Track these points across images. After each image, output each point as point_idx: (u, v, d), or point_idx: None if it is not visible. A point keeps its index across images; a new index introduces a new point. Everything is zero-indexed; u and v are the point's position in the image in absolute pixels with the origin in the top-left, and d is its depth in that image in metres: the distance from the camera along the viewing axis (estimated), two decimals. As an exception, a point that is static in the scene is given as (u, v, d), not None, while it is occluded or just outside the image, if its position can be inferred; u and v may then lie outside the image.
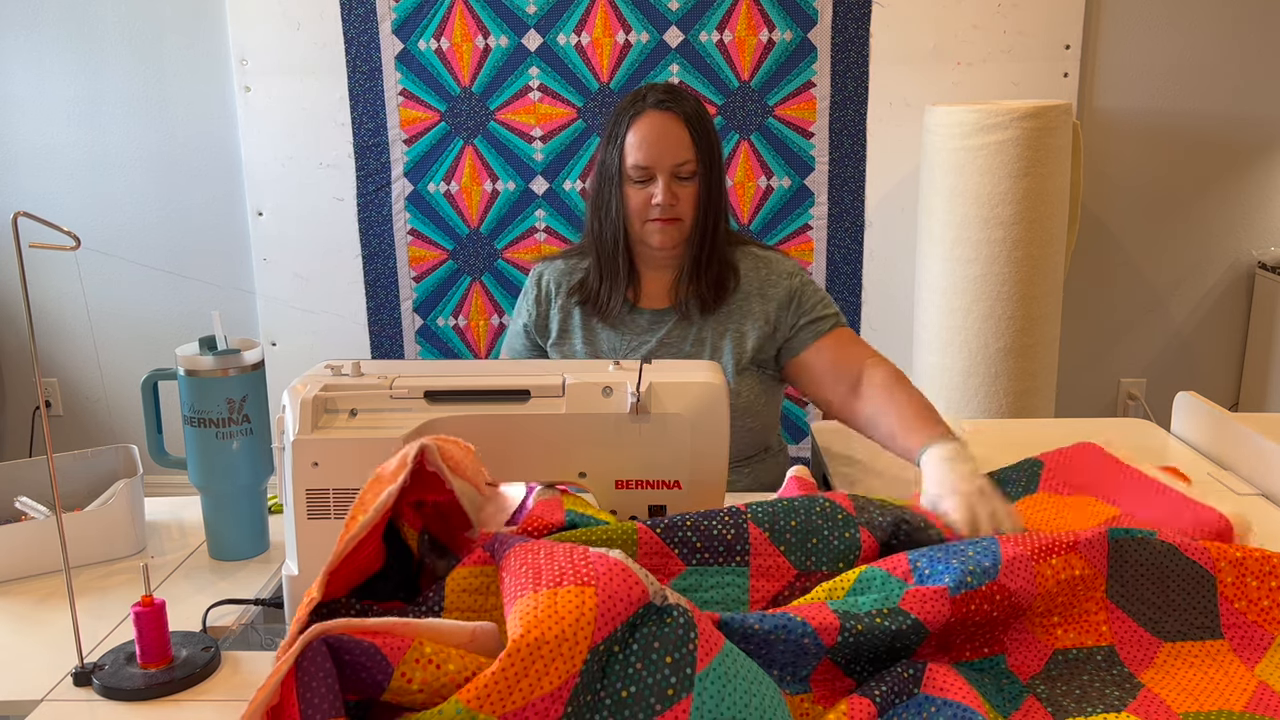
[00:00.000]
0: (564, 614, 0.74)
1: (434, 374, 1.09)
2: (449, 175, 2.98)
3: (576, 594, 0.75)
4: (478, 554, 0.91)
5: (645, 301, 1.65)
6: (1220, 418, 1.48)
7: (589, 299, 1.65)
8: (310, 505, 1.03)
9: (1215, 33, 2.85)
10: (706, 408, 1.06)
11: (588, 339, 1.65)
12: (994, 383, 2.62)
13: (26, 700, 0.93)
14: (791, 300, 1.61)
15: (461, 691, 0.70)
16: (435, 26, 2.87)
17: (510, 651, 0.71)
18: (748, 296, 1.62)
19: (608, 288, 1.63)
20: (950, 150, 2.58)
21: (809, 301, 1.61)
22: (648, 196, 1.56)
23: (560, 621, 0.73)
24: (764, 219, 2.97)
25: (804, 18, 2.83)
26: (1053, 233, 2.60)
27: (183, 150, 3.05)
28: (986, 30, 2.83)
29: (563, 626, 0.73)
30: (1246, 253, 3.01)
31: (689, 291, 1.62)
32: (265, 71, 2.93)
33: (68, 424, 3.26)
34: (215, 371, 1.17)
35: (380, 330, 3.09)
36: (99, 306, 3.14)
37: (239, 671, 0.96)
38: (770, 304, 1.61)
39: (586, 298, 1.66)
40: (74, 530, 1.19)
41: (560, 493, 1.08)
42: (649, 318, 1.64)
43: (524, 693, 0.70)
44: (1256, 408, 2.98)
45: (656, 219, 1.56)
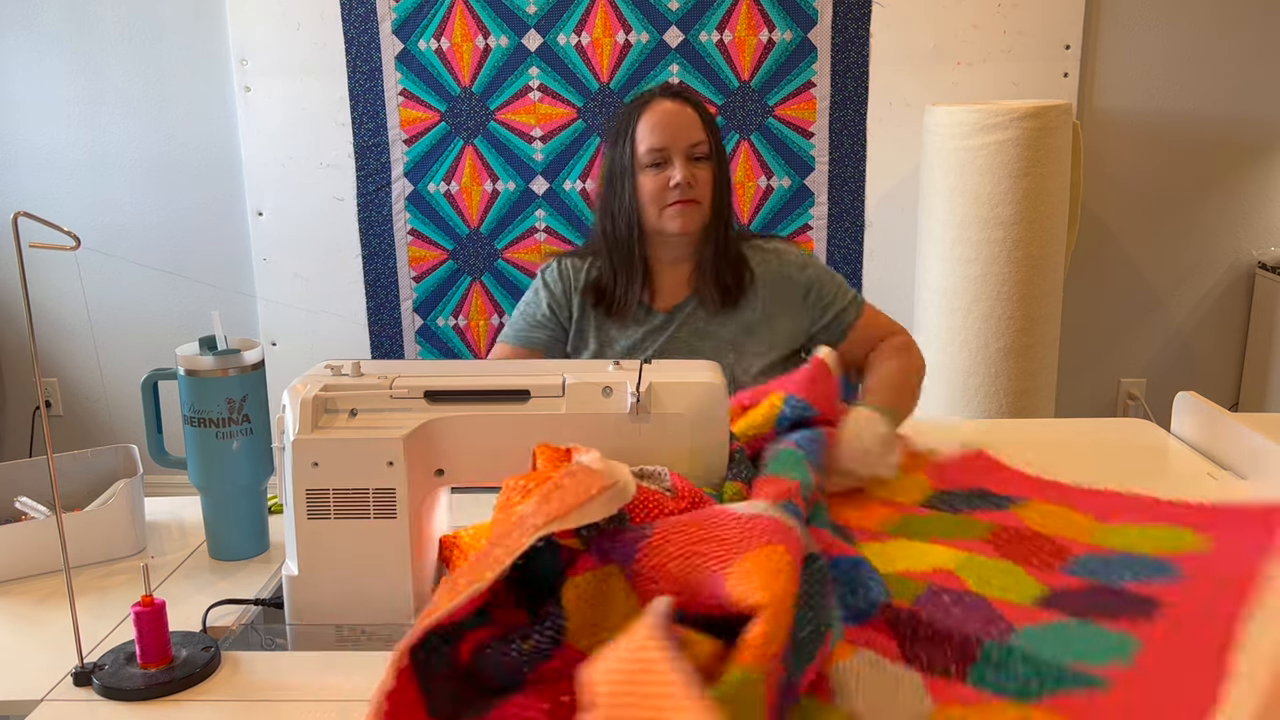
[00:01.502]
0: (780, 571, 0.76)
1: (434, 374, 1.09)
2: (449, 175, 2.98)
3: (773, 553, 0.78)
4: (586, 560, 0.86)
5: (659, 302, 1.65)
6: (1220, 418, 1.47)
7: (601, 299, 1.65)
8: (310, 505, 1.03)
9: (1215, 33, 2.85)
10: (706, 408, 1.06)
11: (600, 339, 1.65)
12: (994, 383, 2.62)
13: (26, 700, 0.93)
14: (809, 293, 1.63)
15: (741, 655, 0.70)
16: (435, 26, 2.87)
17: (771, 614, 0.72)
18: (762, 290, 1.63)
19: (623, 285, 1.62)
20: (950, 150, 2.58)
21: (828, 293, 1.64)
22: (665, 180, 1.55)
23: (780, 578, 0.76)
24: (764, 219, 2.97)
25: (804, 18, 2.83)
26: (1053, 233, 2.60)
27: (183, 150, 3.05)
28: (986, 30, 2.83)
29: (783, 583, 0.76)
30: (1246, 253, 3.01)
31: (709, 283, 1.61)
32: (265, 71, 2.93)
33: (68, 424, 3.26)
34: (215, 371, 1.17)
35: (380, 330, 3.09)
36: (99, 306, 3.14)
37: (239, 671, 0.96)
38: (787, 298, 1.63)
39: (599, 299, 1.65)
40: (74, 530, 1.19)
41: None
42: (661, 317, 1.64)
43: (774, 648, 0.71)
44: (1256, 408, 2.98)
45: (676, 202, 1.56)
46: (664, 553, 0.83)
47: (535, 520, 0.79)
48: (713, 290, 1.61)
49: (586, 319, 1.66)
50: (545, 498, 0.82)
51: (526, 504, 0.83)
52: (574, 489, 0.82)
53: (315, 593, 1.04)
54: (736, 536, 0.82)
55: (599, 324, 1.66)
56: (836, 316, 1.63)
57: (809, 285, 1.63)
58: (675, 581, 0.82)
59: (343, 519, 1.03)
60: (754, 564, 0.78)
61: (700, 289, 1.63)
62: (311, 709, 0.90)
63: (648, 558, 0.84)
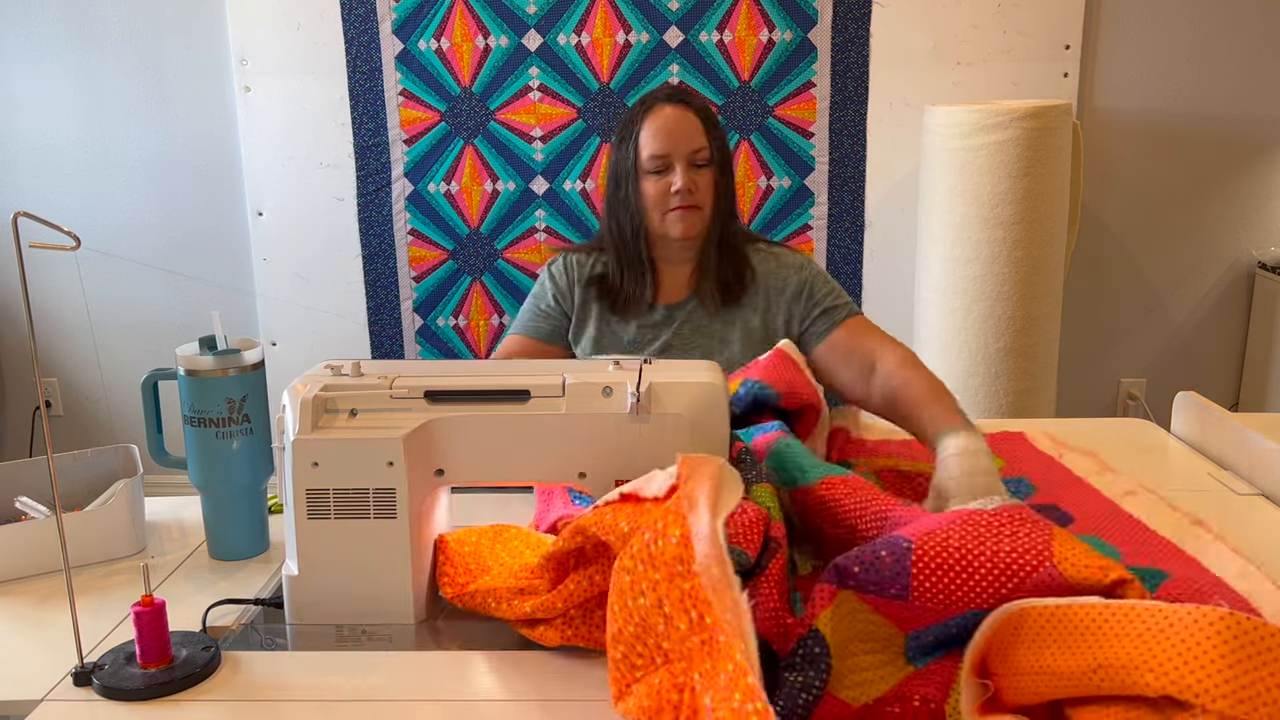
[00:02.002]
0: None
1: (434, 374, 1.09)
2: (449, 175, 2.98)
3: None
4: (825, 590, 0.86)
5: (662, 298, 1.68)
6: (1220, 418, 1.48)
7: (606, 293, 1.67)
8: (310, 505, 1.03)
9: (1215, 33, 2.85)
10: (706, 408, 1.06)
11: (601, 330, 1.67)
12: (994, 383, 2.62)
13: (26, 700, 0.93)
14: (802, 292, 1.63)
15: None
16: (435, 26, 2.87)
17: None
18: (761, 290, 1.65)
19: (630, 282, 1.65)
20: (950, 150, 2.58)
21: (820, 292, 1.63)
22: (666, 185, 1.59)
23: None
24: (764, 219, 2.97)
25: (804, 18, 2.83)
26: (1053, 233, 2.60)
27: (183, 150, 3.05)
28: (986, 30, 2.83)
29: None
30: (1246, 253, 3.01)
31: (710, 282, 1.64)
32: (265, 71, 2.93)
33: (68, 424, 3.26)
34: (215, 371, 1.17)
35: (380, 330, 3.09)
36: (99, 306, 3.14)
37: (239, 671, 0.96)
38: (782, 297, 1.63)
39: (604, 292, 1.68)
40: (74, 530, 1.19)
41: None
42: (663, 312, 1.67)
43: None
44: (1256, 408, 2.98)
45: (677, 207, 1.59)
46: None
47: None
48: (714, 289, 1.64)
49: (588, 308, 1.68)
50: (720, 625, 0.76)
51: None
52: (732, 628, 0.74)
53: (315, 593, 1.05)
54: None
55: (600, 314, 1.68)
56: (825, 313, 1.61)
57: (802, 284, 1.64)
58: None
59: (343, 519, 1.03)
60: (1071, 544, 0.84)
61: (701, 288, 1.66)
62: (311, 709, 0.90)
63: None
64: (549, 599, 0.95)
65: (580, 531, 0.90)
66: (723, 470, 0.83)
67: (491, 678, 0.95)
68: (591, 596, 0.94)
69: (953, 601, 0.82)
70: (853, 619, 0.85)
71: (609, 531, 0.87)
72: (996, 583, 0.82)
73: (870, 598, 0.85)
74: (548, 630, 0.97)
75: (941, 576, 0.83)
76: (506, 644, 1.00)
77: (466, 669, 0.97)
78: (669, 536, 0.78)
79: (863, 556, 0.86)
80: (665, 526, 0.79)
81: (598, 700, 0.90)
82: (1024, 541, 0.83)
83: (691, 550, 0.76)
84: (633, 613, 0.80)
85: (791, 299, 1.63)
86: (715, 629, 0.74)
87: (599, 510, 0.90)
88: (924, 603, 0.83)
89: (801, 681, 0.81)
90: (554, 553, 0.94)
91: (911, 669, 0.84)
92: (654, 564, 0.79)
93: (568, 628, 0.96)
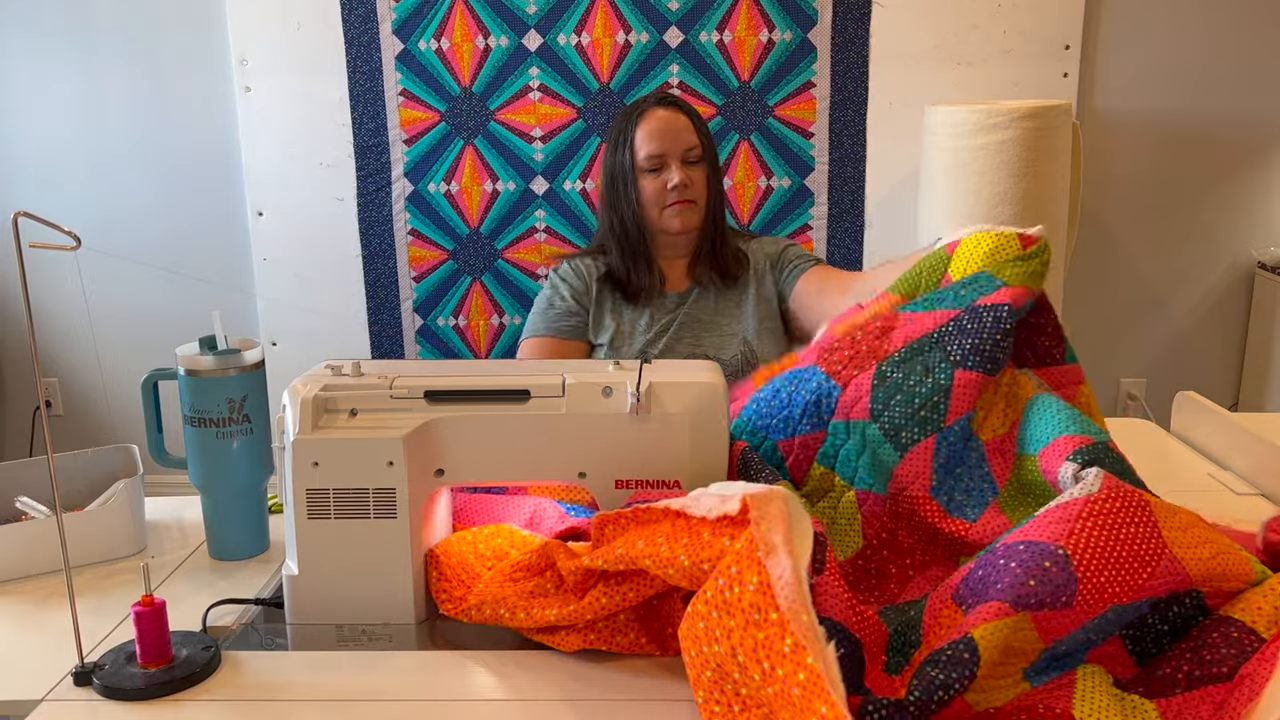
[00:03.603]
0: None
1: (434, 374, 1.09)
2: (449, 175, 2.97)
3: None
4: (997, 607, 0.82)
5: (669, 285, 1.81)
6: (1220, 418, 1.48)
7: (617, 286, 1.79)
8: (310, 505, 1.03)
9: (1215, 33, 2.85)
10: (706, 408, 1.06)
11: (617, 319, 1.78)
12: (994, 383, 2.62)
13: (26, 700, 0.93)
14: (778, 262, 1.81)
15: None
16: (435, 27, 2.87)
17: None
18: (752, 269, 1.81)
19: (637, 275, 1.77)
20: (950, 150, 2.58)
21: (791, 255, 1.81)
22: (663, 183, 1.72)
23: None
24: (764, 219, 2.97)
25: (804, 18, 2.83)
26: (1053, 233, 2.60)
27: (183, 150, 3.05)
28: (986, 30, 2.83)
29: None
30: (1246, 253, 3.01)
31: (709, 272, 1.78)
32: (265, 71, 2.93)
33: (68, 424, 3.26)
34: (215, 371, 1.17)
35: (380, 330, 3.09)
36: (99, 306, 3.14)
37: (239, 671, 0.96)
38: (766, 268, 1.80)
39: (615, 286, 1.79)
40: (74, 530, 1.19)
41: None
42: (672, 299, 1.79)
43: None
44: (1256, 408, 2.98)
45: (674, 202, 1.72)
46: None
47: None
48: (713, 275, 1.78)
49: (604, 304, 1.79)
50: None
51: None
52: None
53: (315, 593, 1.05)
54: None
55: (615, 306, 1.79)
56: (794, 266, 1.78)
57: (777, 255, 1.81)
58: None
59: (343, 519, 1.03)
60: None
61: (701, 276, 1.79)
62: (311, 709, 0.90)
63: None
64: (578, 609, 0.94)
65: (630, 562, 0.88)
66: (789, 505, 0.82)
67: (492, 678, 0.95)
68: (622, 608, 0.94)
69: (1104, 599, 0.82)
70: (1013, 633, 0.82)
71: (666, 565, 0.85)
72: (1141, 573, 0.83)
73: (1042, 614, 0.82)
74: (569, 635, 0.96)
75: (1097, 576, 0.82)
76: (507, 644, 1.00)
77: (466, 669, 0.96)
78: (746, 583, 0.77)
79: (1031, 572, 0.83)
80: (741, 572, 0.78)
81: (598, 700, 0.90)
82: (1136, 528, 0.86)
83: (770, 598, 0.75)
84: (709, 659, 0.79)
85: (770, 269, 1.80)
86: (787, 682, 0.72)
87: (648, 535, 0.88)
88: (1085, 607, 0.82)
89: (943, 680, 0.79)
90: (590, 569, 0.93)
91: (1028, 686, 0.83)
92: (729, 611, 0.78)
93: (590, 631, 0.96)
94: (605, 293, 1.79)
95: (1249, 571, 0.88)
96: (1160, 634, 0.87)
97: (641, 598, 0.93)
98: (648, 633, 0.96)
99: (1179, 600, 0.87)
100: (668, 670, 0.93)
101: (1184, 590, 0.86)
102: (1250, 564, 0.88)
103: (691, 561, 0.83)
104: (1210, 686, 0.80)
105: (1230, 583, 0.87)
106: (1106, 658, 0.86)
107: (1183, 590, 0.86)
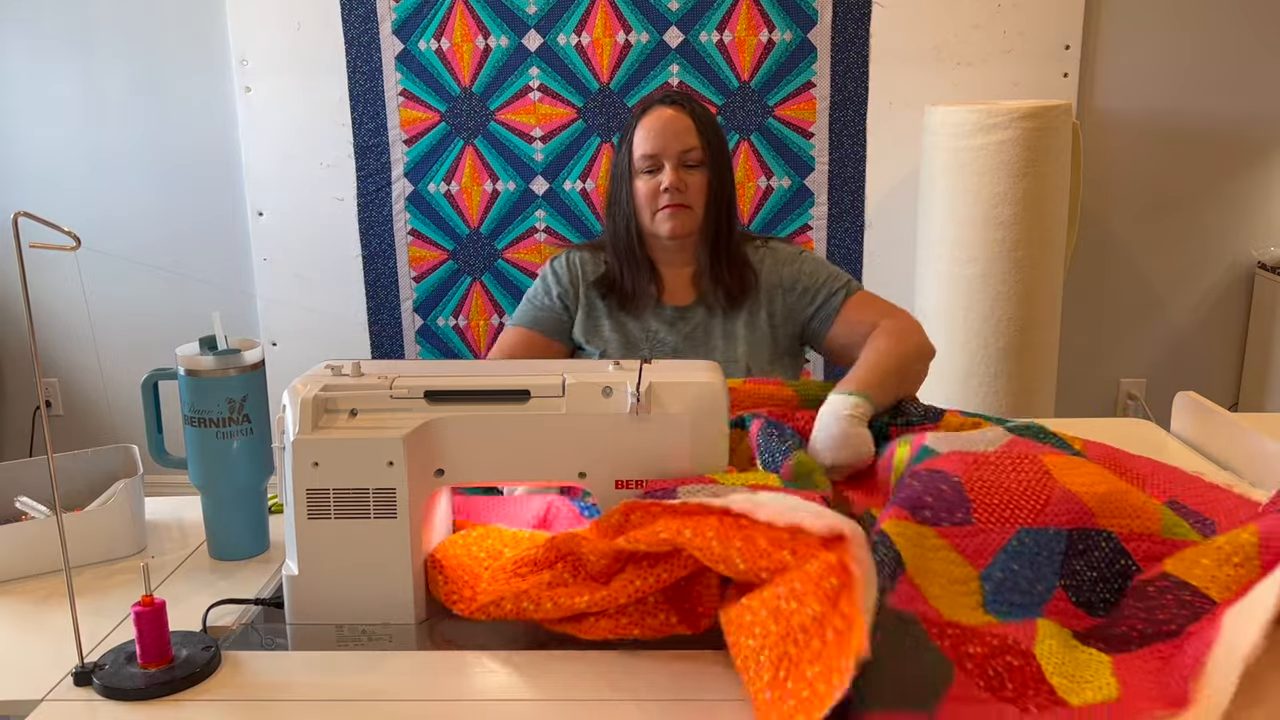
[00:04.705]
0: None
1: (434, 374, 1.09)
2: (449, 175, 2.98)
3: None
4: (897, 510, 0.97)
5: (669, 298, 1.70)
6: (1220, 418, 1.48)
7: (613, 290, 1.70)
8: (310, 505, 1.03)
9: (1215, 33, 2.85)
10: (706, 408, 1.06)
11: (615, 328, 1.69)
12: (994, 383, 2.62)
13: (26, 700, 0.93)
14: (796, 285, 1.67)
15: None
16: (435, 27, 2.87)
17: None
18: (764, 288, 1.68)
19: (630, 281, 1.68)
20: (950, 150, 2.58)
21: (818, 280, 1.66)
22: (656, 185, 1.62)
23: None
24: (764, 219, 2.97)
25: (804, 18, 2.83)
26: (1053, 233, 2.60)
27: (183, 150, 3.05)
28: (986, 30, 2.83)
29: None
30: (1246, 253, 3.01)
31: (714, 286, 1.66)
32: (265, 71, 2.93)
33: (68, 424, 3.26)
34: (215, 371, 1.17)
35: (380, 330, 3.09)
36: (99, 306, 3.14)
37: (239, 671, 0.96)
38: (779, 290, 1.67)
39: (610, 290, 1.70)
40: (74, 530, 1.19)
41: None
42: (672, 312, 1.69)
43: None
44: (1256, 408, 2.98)
45: (665, 206, 1.62)
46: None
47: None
48: (718, 293, 1.67)
49: (597, 310, 1.70)
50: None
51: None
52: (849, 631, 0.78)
53: (315, 593, 1.05)
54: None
55: (612, 313, 1.70)
56: (826, 300, 1.65)
57: (797, 276, 1.67)
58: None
59: (343, 519, 1.03)
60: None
61: (705, 292, 1.68)
62: (311, 709, 0.90)
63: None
64: (609, 593, 0.95)
65: (674, 545, 0.90)
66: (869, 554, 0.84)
67: (492, 677, 0.95)
68: (655, 590, 0.95)
69: (1005, 521, 0.97)
70: (933, 555, 0.93)
71: (718, 560, 0.88)
72: (1035, 501, 0.98)
73: (943, 529, 0.96)
74: (599, 621, 0.96)
75: (990, 499, 0.98)
76: (508, 644, 1.00)
77: (466, 669, 0.96)
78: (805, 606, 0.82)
79: (929, 491, 0.98)
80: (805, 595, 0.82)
81: (599, 699, 0.90)
82: (1030, 470, 1.01)
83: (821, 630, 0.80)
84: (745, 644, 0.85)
85: (786, 292, 1.67)
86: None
87: (695, 525, 0.89)
88: (988, 528, 0.97)
89: (877, 559, 0.88)
90: (620, 551, 0.94)
91: (994, 619, 0.91)
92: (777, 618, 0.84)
93: (622, 616, 0.96)
94: (596, 298, 1.70)
95: (1154, 513, 1.00)
96: (1094, 581, 0.97)
97: (675, 578, 0.95)
98: (678, 612, 0.97)
99: (1093, 540, 0.99)
100: (668, 670, 0.93)
101: (1093, 528, 0.99)
102: (1154, 507, 1.01)
103: (747, 566, 0.87)
104: (1160, 644, 0.88)
105: (1139, 521, 1.00)
106: (1059, 613, 0.95)
107: (1092, 528, 0.99)
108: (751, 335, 1.66)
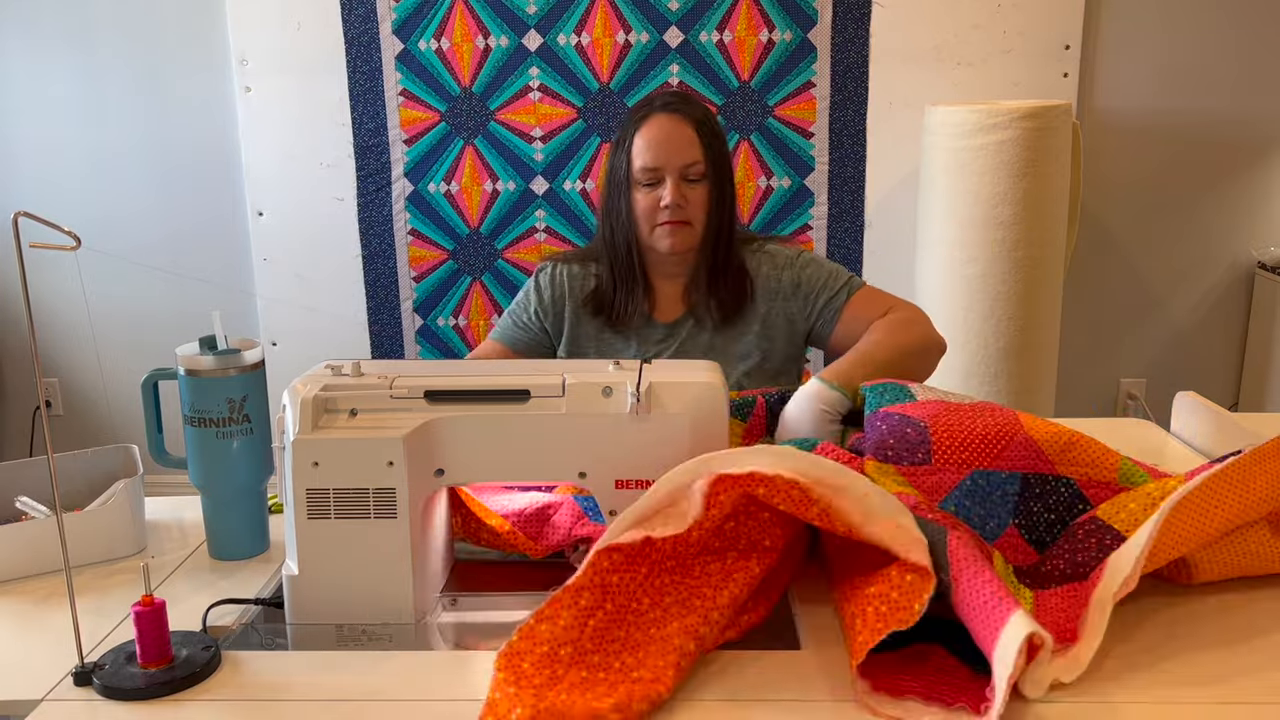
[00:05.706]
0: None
1: (434, 374, 1.09)
2: (449, 175, 2.98)
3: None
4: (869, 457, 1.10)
5: (659, 314, 1.65)
6: (1220, 418, 1.47)
7: (602, 308, 1.63)
8: (310, 505, 1.03)
9: (1215, 33, 2.85)
10: (706, 408, 1.06)
11: (600, 349, 1.64)
12: (994, 383, 2.62)
13: (26, 700, 0.93)
14: (798, 289, 1.61)
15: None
16: (435, 27, 2.87)
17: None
18: (762, 297, 1.62)
19: (623, 296, 1.61)
20: (950, 150, 2.58)
21: (817, 284, 1.61)
22: (656, 199, 1.55)
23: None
24: (764, 219, 2.97)
25: (804, 18, 2.83)
26: (1053, 233, 2.60)
27: (183, 150, 3.05)
28: (986, 30, 2.83)
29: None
30: (1246, 253, 3.01)
31: (706, 300, 1.60)
32: (265, 71, 2.93)
33: (68, 424, 3.26)
34: (215, 371, 1.17)
35: (380, 330, 3.10)
36: (99, 306, 3.14)
37: (239, 671, 0.96)
38: (779, 297, 1.62)
39: (600, 308, 1.63)
40: (74, 530, 1.19)
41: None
42: (663, 329, 1.64)
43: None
44: (1256, 408, 2.98)
45: (665, 222, 1.55)
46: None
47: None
48: (710, 307, 1.61)
49: (582, 328, 1.65)
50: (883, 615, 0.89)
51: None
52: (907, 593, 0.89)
53: (315, 593, 1.05)
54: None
55: (598, 333, 1.65)
56: (828, 302, 1.60)
57: (797, 280, 1.61)
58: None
59: (343, 519, 1.03)
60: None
61: (697, 306, 1.62)
62: (311, 709, 0.90)
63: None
64: (716, 603, 0.95)
65: (804, 491, 0.94)
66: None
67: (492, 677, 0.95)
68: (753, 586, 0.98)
69: (961, 463, 1.06)
70: (897, 489, 1.02)
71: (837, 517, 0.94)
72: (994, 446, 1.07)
73: (904, 468, 1.06)
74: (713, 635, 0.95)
75: (949, 441, 1.07)
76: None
77: (466, 669, 0.96)
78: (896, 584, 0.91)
79: (893, 434, 1.09)
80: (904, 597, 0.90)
81: (598, 700, 0.90)
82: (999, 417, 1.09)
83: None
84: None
85: (788, 298, 1.62)
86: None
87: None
88: (945, 468, 1.06)
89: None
90: (731, 498, 0.97)
91: (951, 507, 1.04)
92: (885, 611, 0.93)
93: (731, 629, 0.97)
94: (585, 315, 1.64)
95: (1113, 462, 1.07)
96: (1051, 523, 1.04)
97: (765, 568, 0.99)
98: (763, 604, 1.01)
99: (1051, 486, 1.05)
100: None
101: (1052, 474, 1.06)
102: (1114, 457, 1.07)
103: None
104: (1074, 583, 0.96)
105: (1099, 471, 1.07)
106: (1009, 548, 1.03)
107: (1051, 474, 1.06)
108: (745, 351, 1.62)
